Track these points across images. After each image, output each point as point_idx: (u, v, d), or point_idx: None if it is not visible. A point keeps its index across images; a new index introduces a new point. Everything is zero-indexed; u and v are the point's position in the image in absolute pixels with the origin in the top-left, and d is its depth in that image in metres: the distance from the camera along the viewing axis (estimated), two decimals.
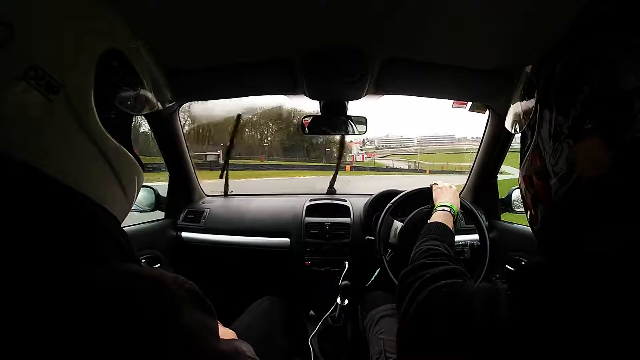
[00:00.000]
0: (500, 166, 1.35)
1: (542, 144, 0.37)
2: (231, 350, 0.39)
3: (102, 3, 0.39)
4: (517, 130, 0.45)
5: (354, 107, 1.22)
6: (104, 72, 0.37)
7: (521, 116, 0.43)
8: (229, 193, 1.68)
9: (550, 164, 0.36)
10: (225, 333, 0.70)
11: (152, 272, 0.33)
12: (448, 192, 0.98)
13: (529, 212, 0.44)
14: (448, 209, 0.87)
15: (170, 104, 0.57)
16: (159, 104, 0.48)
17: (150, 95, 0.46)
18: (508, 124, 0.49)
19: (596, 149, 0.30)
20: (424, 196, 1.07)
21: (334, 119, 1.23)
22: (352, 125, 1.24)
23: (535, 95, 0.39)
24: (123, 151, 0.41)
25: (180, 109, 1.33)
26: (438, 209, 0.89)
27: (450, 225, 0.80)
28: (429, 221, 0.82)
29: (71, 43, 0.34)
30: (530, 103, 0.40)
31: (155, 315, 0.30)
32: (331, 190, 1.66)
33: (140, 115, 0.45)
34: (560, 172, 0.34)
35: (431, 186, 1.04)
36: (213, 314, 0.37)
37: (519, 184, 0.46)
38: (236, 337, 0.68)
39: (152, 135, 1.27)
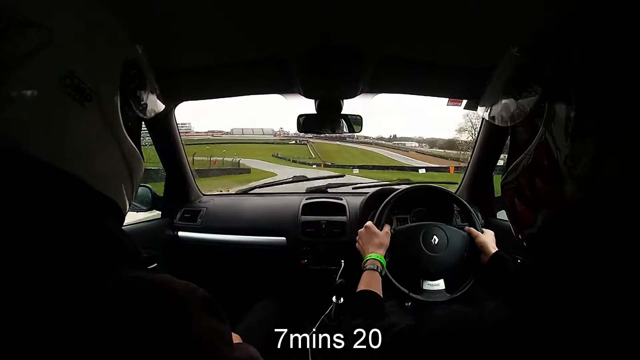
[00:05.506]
0: (496, 164, 1.35)
1: (553, 143, 0.33)
2: (245, 357, 0.38)
3: (119, 14, 0.40)
4: (508, 123, 0.42)
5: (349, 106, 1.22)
6: (126, 79, 0.39)
7: (515, 109, 0.39)
8: (226, 192, 1.67)
9: (566, 165, 0.31)
10: (233, 338, 0.70)
11: (163, 280, 0.32)
12: (368, 241, 0.89)
13: (518, 214, 0.40)
14: (372, 264, 0.81)
15: (168, 106, 0.58)
16: (159, 107, 0.50)
17: (155, 99, 0.48)
18: (495, 117, 0.45)
19: (633, 145, 0.27)
20: (421, 194, 1.06)
21: (329, 118, 1.23)
22: (347, 124, 1.24)
23: (542, 88, 0.34)
24: (135, 150, 0.43)
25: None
26: (364, 269, 0.82)
27: (378, 286, 0.75)
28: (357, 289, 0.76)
29: (102, 52, 0.35)
30: (529, 95, 0.36)
31: (167, 324, 0.29)
32: None
33: (148, 118, 0.48)
34: (581, 175, 0.30)
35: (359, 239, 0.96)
36: (225, 320, 0.36)
37: (507, 184, 0.41)
38: (241, 341, 0.68)
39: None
